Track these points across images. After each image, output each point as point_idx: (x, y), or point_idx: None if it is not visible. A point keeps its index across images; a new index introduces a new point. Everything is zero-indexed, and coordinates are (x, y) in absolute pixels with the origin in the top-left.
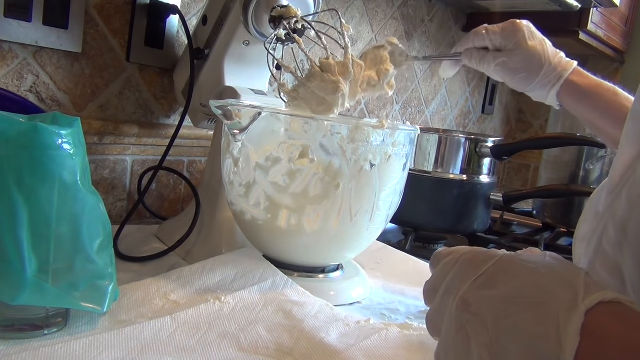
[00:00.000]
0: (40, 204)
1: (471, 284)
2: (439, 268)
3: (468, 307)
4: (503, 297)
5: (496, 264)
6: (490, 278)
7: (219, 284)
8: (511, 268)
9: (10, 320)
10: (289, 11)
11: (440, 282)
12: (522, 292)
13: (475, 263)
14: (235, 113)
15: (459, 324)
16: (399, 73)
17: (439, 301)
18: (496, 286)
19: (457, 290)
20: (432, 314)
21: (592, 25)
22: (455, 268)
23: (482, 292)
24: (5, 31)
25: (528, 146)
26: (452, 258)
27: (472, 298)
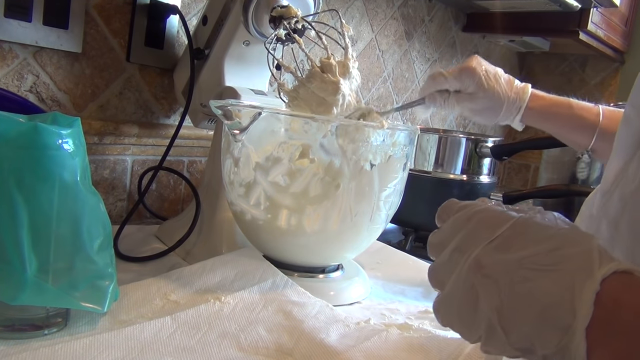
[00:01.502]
0: (40, 204)
1: (486, 245)
2: (450, 223)
3: (481, 268)
4: (518, 261)
5: (512, 227)
6: (505, 241)
7: (219, 284)
8: (527, 232)
9: (10, 320)
10: (289, 11)
11: (450, 238)
12: (538, 258)
13: (490, 224)
14: (235, 113)
15: (469, 284)
16: (399, 73)
17: (447, 257)
18: (511, 250)
19: (469, 250)
20: (438, 268)
21: (592, 25)
22: (468, 226)
23: (497, 255)
24: (5, 31)
25: (528, 146)
26: (465, 214)
27: (486, 260)
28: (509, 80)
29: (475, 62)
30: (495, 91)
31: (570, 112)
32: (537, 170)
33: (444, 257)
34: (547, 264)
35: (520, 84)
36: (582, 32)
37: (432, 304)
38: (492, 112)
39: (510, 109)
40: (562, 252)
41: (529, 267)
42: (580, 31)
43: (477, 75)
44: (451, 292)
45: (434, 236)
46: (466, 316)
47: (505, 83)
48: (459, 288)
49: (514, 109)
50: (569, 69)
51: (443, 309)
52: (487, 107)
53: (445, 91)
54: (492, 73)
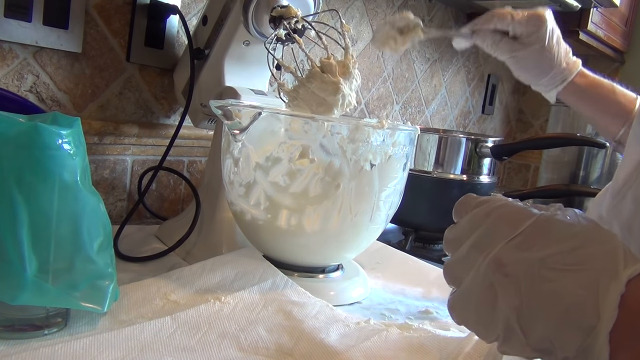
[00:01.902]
0: (40, 204)
1: (506, 243)
2: (468, 218)
3: (501, 267)
4: (540, 260)
5: (533, 224)
6: (527, 239)
7: (219, 284)
8: (549, 230)
9: (10, 320)
10: (289, 11)
11: (468, 234)
12: (561, 257)
13: (510, 221)
14: (235, 113)
15: (488, 282)
16: (399, 73)
17: (465, 253)
18: (533, 248)
19: (489, 248)
20: (454, 264)
21: (592, 25)
22: (487, 222)
23: (518, 253)
24: (5, 31)
25: (528, 146)
26: (484, 210)
27: (507, 258)
28: (567, 50)
29: (548, 13)
30: (553, 52)
31: (613, 97)
32: (537, 170)
33: (461, 254)
34: (571, 263)
35: (574, 58)
36: (582, 32)
37: (448, 300)
38: (538, 72)
39: (556, 77)
40: (586, 251)
41: (551, 266)
42: (580, 31)
43: (544, 27)
44: (468, 290)
45: (451, 232)
46: (484, 315)
47: (562, 49)
48: (477, 286)
49: (559, 78)
50: None
51: (459, 307)
52: (536, 66)
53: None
54: (557, 34)
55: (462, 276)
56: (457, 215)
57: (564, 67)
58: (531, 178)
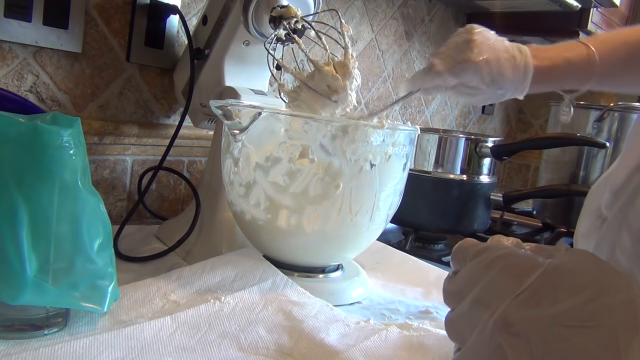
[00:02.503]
0: (40, 204)
1: (512, 299)
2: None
3: (509, 326)
4: (552, 317)
5: (541, 277)
6: (535, 294)
7: (219, 284)
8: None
9: (10, 320)
10: (289, 11)
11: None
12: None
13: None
14: (235, 113)
15: (495, 343)
16: (399, 73)
17: (467, 309)
18: (542, 304)
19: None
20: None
21: (592, 25)
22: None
23: (527, 310)
24: (5, 31)
25: (528, 146)
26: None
27: (515, 317)
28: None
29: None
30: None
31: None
32: (537, 170)
33: (462, 309)
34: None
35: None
36: (582, 32)
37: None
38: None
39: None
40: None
41: (564, 323)
42: (580, 31)
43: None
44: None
45: (451, 283)
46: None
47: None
48: (484, 347)
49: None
50: None
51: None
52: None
53: None
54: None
55: (466, 334)
56: (455, 264)
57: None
58: (531, 178)
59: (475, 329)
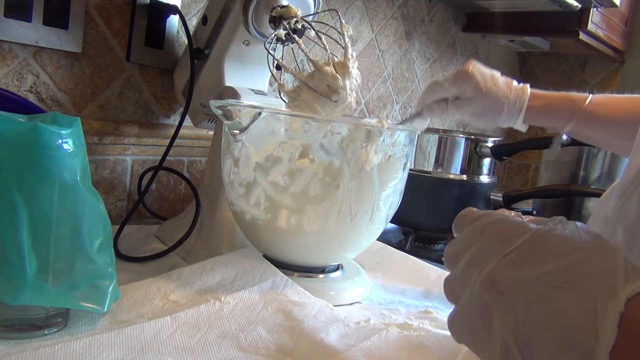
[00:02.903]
0: (40, 204)
1: (499, 260)
2: (464, 234)
3: (494, 285)
4: (535, 278)
5: (529, 240)
6: (521, 255)
7: (219, 284)
8: (545, 245)
9: (10, 320)
10: (289, 11)
11: (464, 250)
12: (557, 274)
13: (505, 236)
14: (235, 113)
15: (482, 301)
16: (399, 73)
17: (461, 270)
18: (528, 265)
19: (482, 265)
20: (452, 281)
21: (592, 25)
22: (482, 238)
23: (512, 270)
24: (5, 31)
25: (528, 146)
26: (479, 224)
27: (500, 276)
28: (507, 82)
29: (471, 66)
30: (494, 93)
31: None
32: (537, 170)
33: (457, 270)
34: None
35: (519, 85)
36: (582, 32)
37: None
38: (493, 115)
39: (512, 111)
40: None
41: (547, 284)
42: (580, 31)
43: (473, 78)
44: (464, 309)
45: (449, 247)
46: (480, 335)
47: (504, 85)
48: (472, 305)
49: (515, 110)
50: (569, 69)
51: (457, 326)
52: (487, 111)
53: (443, 100)
54: (489, 75)
55: (459, 294)
56: (456, 230)
57: (513, 99)
58: (531, 178)
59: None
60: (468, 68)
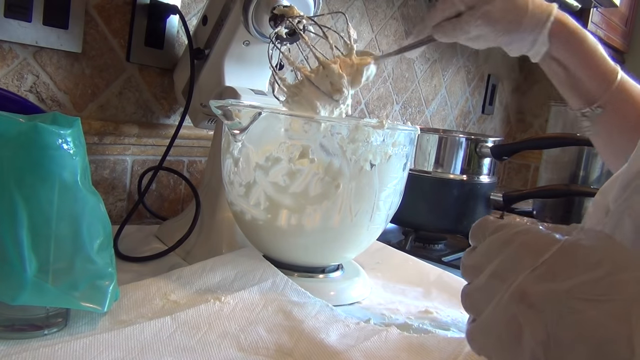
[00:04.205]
0: (40, 204)
1: (530, 273)
2: (486, 245)
3: (525, 298)
4: (566, 291)
5: (558, 252)
6: (551, 268)
7: (219, 284)
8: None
9: (10, 320)
10: (292, 10)
11: (487, 262)
12: (588, 287)
13: (533, 249)
14: (235, 113)
15: (511, 314)
16: (399, 73)
17: (484, 282)
18: (558, 278)
19: (510, 278)
20: (474, 293)
21: (592, 25)
22: (507, 250)
23: (543, 284)
24: (5, 31)
25: (528, 146)
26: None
27: (531, 289)
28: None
29: None
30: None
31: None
32: (537, 170)
33: (480, 282)
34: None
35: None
36: None
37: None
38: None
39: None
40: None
41: (579, 297)
42: None
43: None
44: (490, 321)
45: (469, 258)
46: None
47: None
48: (499, 318)
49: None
50: None
51: (480, 338)
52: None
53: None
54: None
55: (482, 306)
56: (474, 240)
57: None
58: (531, 178)
59: (492, 300)
60: None
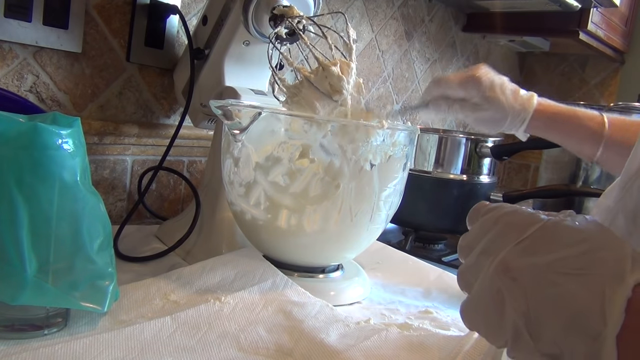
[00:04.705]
0: (40, 204)
1: (512, 247)
2: (477, 225)
3: (507, 271)
4: (546, 264)
5: (540, 229)
6: (533, 243)
7: (219, 284)
8: (556, 234)
9: (10, 320)
10: (291, 10)
11: (477, 240)
12: (568, 261)
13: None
14: (235, 113)
15: (495, 287)
16: (399, 73)
17: (474, 259)
18: (539, 252)
19: (496, 252)
20: (465, 270)
21: (592, 25)
22: (495, 228)
23: (524, 257)
24: (5, 31)
25: (528, 146)
26: (492, 216)
27: (513, 262)
28: (515, 91)
29: (482, 72)
30: (500, 103)
31: (576, 122)
32: (537, 170)
33: (471, 260)
34: (577, 267)
35: (526, 94)
36: (582, 32)
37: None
38: (495, 123)
39: (515, 121)
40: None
41: (558, 270)
42: (580, 31)
43: (482, 85)
44: (477, 295)
45: (463, 239)
46: (492, 320)
47: (511, 94)
48: (485, 291)
49: (518, 120)
50: (569, 69)
51: (469, 313)
52: (490, 118)
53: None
54: (499, 84)
55: (472, 282)
56: (469, 223)
57: (518, 109)
58: (531, 178)
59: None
60: (477, 73)
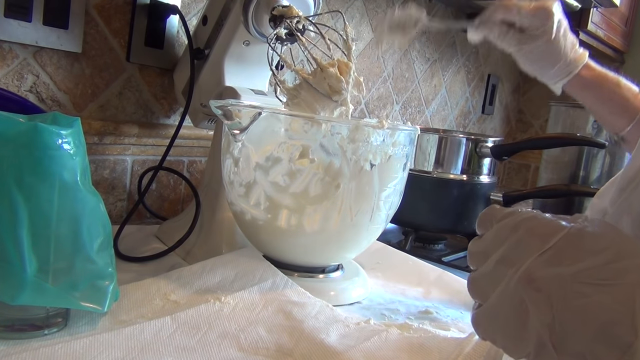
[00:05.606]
0: (40, 204)
1: (536, 258)
2: (494, 231)
3: (532, 282)
4: (572, 275)
5: (564, 238)
6: (558, 253)
7: (219, 284)
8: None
9: (10, 320)
10: (290, 11)
11: (495, 247)
12: (594, 272)
13: (540, 234)
14: (235, 113)
15: (518, 298)
16: (399, 73)
17: (491, 267)
18: (564, 263)
19: (518, 262)
20: (480, 278)
21: (592, 25)
22: (514, 236)
23: (549, 268)
24: (5, 31)
25: (528, 146)
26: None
27: (538, 273)
28: (573, 42)
29: (555, 6)
30: (560, 45)
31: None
32: (537, 170)
33: (487, 268)
34: (605, 278)
35: (580, 50)
36: (582, 32)
37: (472, 315)
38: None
39: (562, 70)
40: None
41: (584, 281)
42: (580, 31)
43: (551, 20)
44: (496, 305)
45: (476, 244)
46: (513, 331)
47: (569, 42)
48: (506, 302)
49: (565, 71)
50: None
51: (486, 323)
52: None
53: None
54: (564, 26)
55: (489, 291)
56: (481, 228)
57: (570, 60)
58: (531, 178)
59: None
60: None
